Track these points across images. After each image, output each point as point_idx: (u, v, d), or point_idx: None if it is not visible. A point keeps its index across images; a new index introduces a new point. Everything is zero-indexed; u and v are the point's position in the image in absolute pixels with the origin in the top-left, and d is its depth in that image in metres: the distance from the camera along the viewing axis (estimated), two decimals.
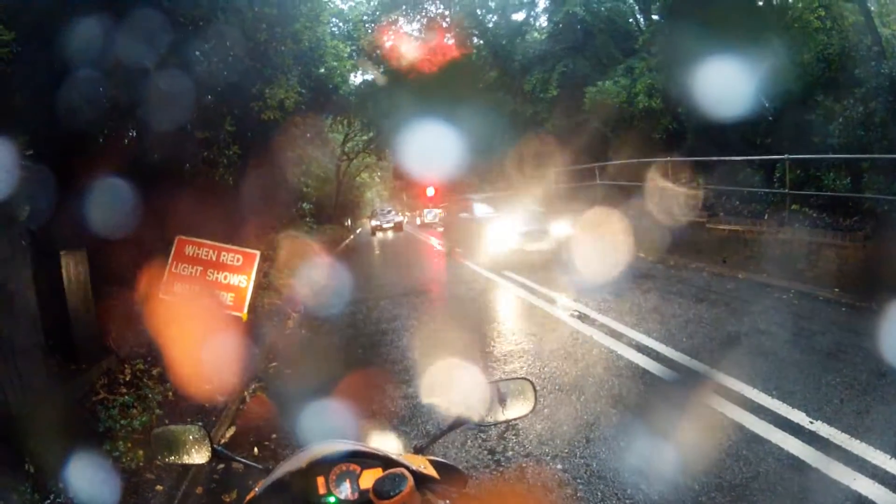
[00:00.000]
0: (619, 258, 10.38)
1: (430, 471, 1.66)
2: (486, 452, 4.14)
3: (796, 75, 12.00)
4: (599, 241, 12.00)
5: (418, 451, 1.81)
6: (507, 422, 1.83)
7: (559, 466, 3.84)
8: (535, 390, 1.81)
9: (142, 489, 3.95)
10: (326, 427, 3.31)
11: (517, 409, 1.79)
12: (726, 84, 10.63)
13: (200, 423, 1.81)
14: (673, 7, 15.53)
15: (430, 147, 19.11)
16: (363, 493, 1.54)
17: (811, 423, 4.07)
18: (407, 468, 1.46)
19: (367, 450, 1.61)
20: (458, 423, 1.83)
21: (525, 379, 1.82)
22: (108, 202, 5.16)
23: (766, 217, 10.46)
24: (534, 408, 1.81)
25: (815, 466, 3.53)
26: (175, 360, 5.02)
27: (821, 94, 11.95)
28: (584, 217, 13.32)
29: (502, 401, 1.78)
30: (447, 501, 1.55)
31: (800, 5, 13.36)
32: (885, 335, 5.14)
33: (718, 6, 12.63)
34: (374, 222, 34.74)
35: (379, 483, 1.37)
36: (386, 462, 1.55)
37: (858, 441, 3.73)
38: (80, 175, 4.79)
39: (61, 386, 4.45)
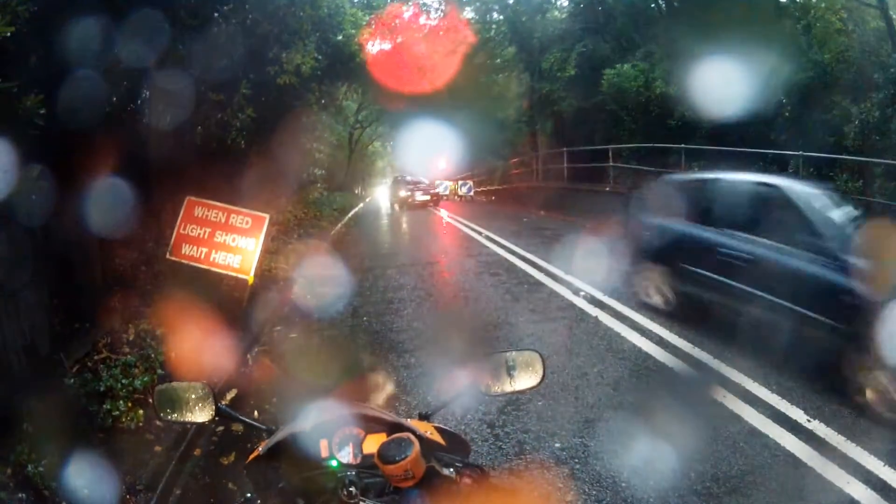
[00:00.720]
0: None
1: (437, 437, 1.65)
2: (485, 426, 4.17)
3: (815, 74, 11.89)
4: None
5: (424, 417, 1.80)
6: (514, 393, 1.80)
7: None
8: (543, 363, 1.78)
9: (140, 450, 3.96)
10: (328, 392, 3.34)
11: (525, 380, 1.77)
12: (742, 77, 10.49)
13: (205, 381, 1.76)
14: None
15: (442, 121, 18.99)
16: (366, 457, 1.54)
17: (808, 421, 4.08)
18: (413, 433, 1.46)
19: (372, 413, 1.60)
20: (465, 393, 1.83)
21: (534, 351, 1.79)
22: (119, 163, 5.11)
23: None
24: (542, 380, 1.78)
25: (809, 465, 3.56)
26: (179, 321, 5.04)
27: (838, 95, 11.85)
28: None
29: (510, 372, 1.76)
30: (451, 469, 1.54)
31: (823, 5, 13.22)
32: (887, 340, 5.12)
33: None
34: (402, 193, 26.44)
35: (385, 447, 1.37)
36: (391, 427, 1.54)
37: (854, 444, 3.75)
38: (89, 143, 4.74)
39: (63, 345, 4.46)
